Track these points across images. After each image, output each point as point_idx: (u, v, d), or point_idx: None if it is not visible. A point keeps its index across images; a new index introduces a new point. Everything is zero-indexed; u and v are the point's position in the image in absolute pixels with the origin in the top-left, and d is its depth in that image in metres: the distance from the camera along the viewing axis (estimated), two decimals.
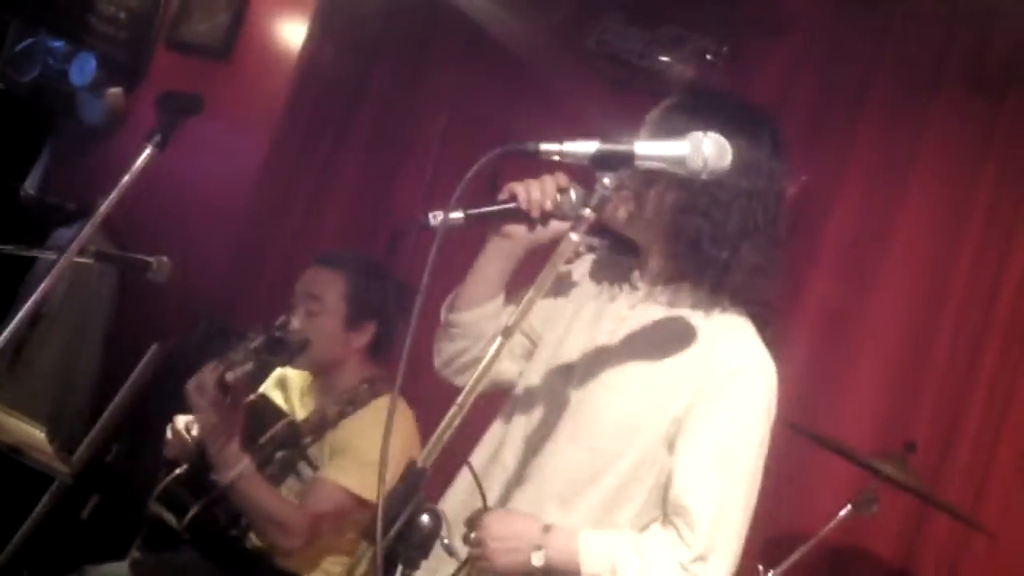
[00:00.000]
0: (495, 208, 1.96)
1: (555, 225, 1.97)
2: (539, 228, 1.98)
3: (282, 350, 2.79)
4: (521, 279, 2.04)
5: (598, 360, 2.06)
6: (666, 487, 1.97)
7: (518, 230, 2.02)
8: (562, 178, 1.95)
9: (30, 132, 5.77)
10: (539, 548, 1.92)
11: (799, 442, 2.94)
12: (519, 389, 2.17)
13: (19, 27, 5.70)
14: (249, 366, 2.72)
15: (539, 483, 2.05)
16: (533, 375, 2.16)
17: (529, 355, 2.20)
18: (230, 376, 2.70)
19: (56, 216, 4.74)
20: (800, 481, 3.22)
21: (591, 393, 2.05)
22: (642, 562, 1.89)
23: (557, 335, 2.16)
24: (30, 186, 5.66)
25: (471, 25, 4.30)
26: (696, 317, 2.03)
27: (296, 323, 2.87)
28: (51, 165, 5.73)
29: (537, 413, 2.10)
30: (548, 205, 1.93)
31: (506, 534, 1.95)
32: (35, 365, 4.60)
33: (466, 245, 2.05)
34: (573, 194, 1.93)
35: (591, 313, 2.14)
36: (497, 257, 2.11)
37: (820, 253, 3.52)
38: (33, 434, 2.50)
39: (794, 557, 2.90)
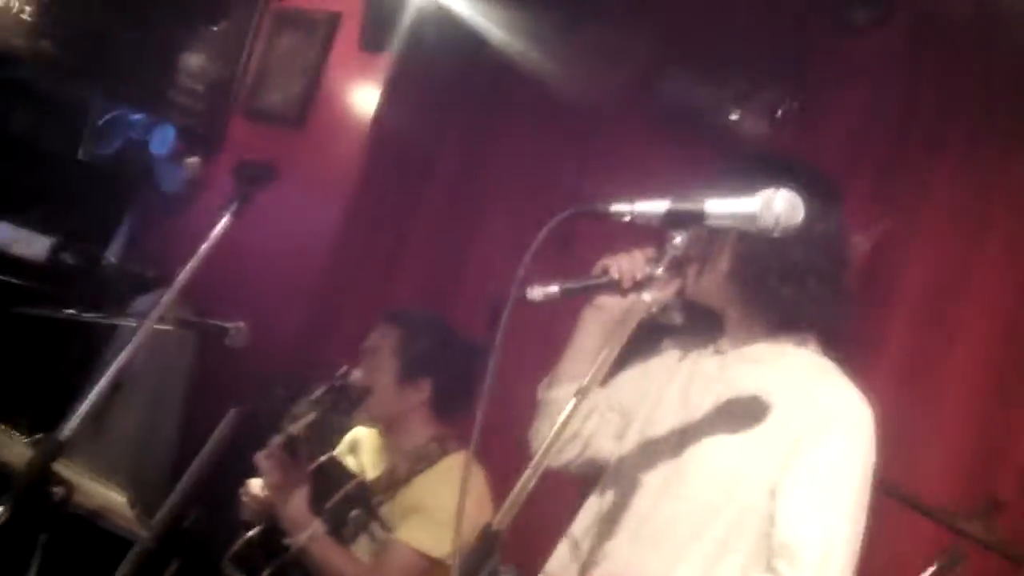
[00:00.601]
0: (589, 282, 1.96)
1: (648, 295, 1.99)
2: (632, 297, 1.99)
3: (342, 399, 2.83)
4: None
5: (693, 424, 2.06)
6: (769, 533, 1.95)
7: (611, 301, 2.04)
8: (650, 250, 1.95)
9: (111, 202, 5.91)
10: None
11: (880, 499, 2.88)
12: (614, 463, 2.18)
13: (102, 101, 5.87)
14: (312, 416, 2.75)
15: (642, 544, 2.04)
16: (627, 448, 2.16)
17: (623, 434, 2.20)
18: (293, 429, 2.74)
19: (136, 284, 4.84)
20: (882, 540, 3.14)
21: (689, 452, 2.04)
22: None
23: (648, 410, 2.16)
24: (112, 255, 5.79)
25: (539, 86, 4.34)
26: (785, 364, 2.01)
27: (357, 374, 2.90)
28: (132, 234, 5.86)
29: (633, 481, 2.10)
30: (639, 275, 1.93)
31: None
32: (116, 431, 4.67)
33: (555, 317, 2.06)
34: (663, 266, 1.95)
35: (681, 384, 2.14)
36: (592, 332, 2.13)
37: (899, 303, 3.48)
38: (114, 499, 2.54)
39: None
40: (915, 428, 3.34)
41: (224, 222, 2.13)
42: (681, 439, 2.07)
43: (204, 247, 2.11)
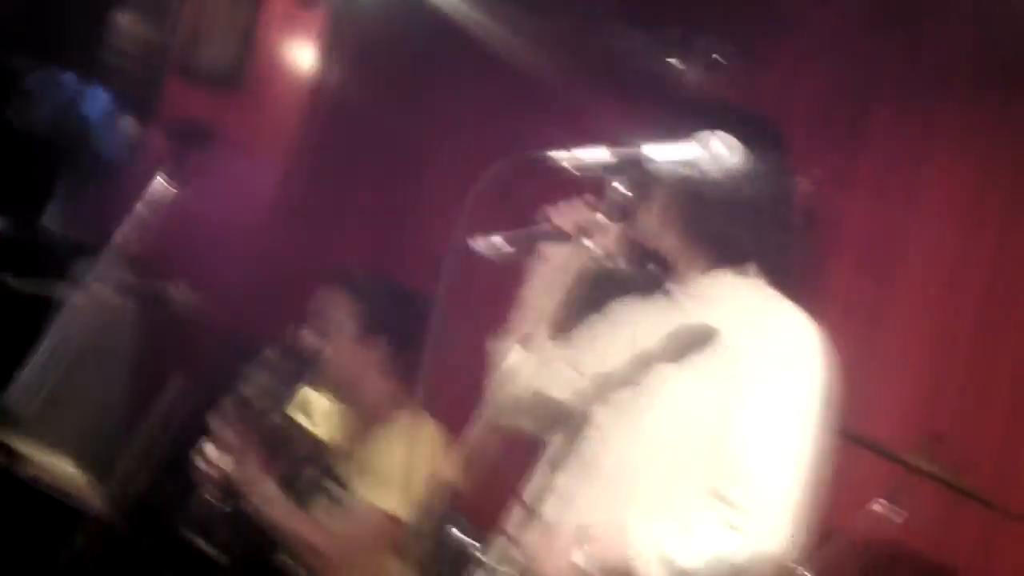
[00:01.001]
0: (533, 231, 1.96)
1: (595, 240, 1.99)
2: (579, 246, 1.99)
3: (295, 358, 2.81)
4: None
5: (642, 363, 2.05)
6: (720, 466, 1.93)
7: (556, 251, 2.04)
8: (592, 198, 1.95)
9: (46, 168, 5.81)
10: (581, 547, 1.91)
11: (827, 438, 2.93)
12: (566, 414, 2.18)
13: (30, 64, 5.76)
14: (264, 378, 2.74)
15: (594, 486, 2.04)
16: (579, 396, 2.16)
17: (575, 386, 2.21)
18: (246, 390, 2.73)
19: (77, 250, 4.77)
20: (830, 477, 3.21)
21: (639, 390, 2.03)
22: (686, 534, 1.85)
23: (598, 358, 2.17)
24: (49, 222, 5.70)
25: (477, 38, 4.31)
26: (731, 296, 2.03)
27: (308, 335, 2.89)
28: (69, 200, 5.77)
29: (584, 427, 2.10)
30: (582, 222, 1.92)
31: (546, 547, 1.94)
32: (65, 399, 4.63)
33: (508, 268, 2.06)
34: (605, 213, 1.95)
35: (630, 328, 2.14)
36: (539, 284, 2.12)
37: (842, 247, 3.52)
38: (64, 467, 2.52)
39: (826, 552, 2.89)
40: (860, 368, 3.38)
41: (158, 182, 2.10)
42: (630, 379, 2.07)
43: (139, 209, 2.08)
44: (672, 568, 1.85)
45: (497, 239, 1.87)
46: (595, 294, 2.19)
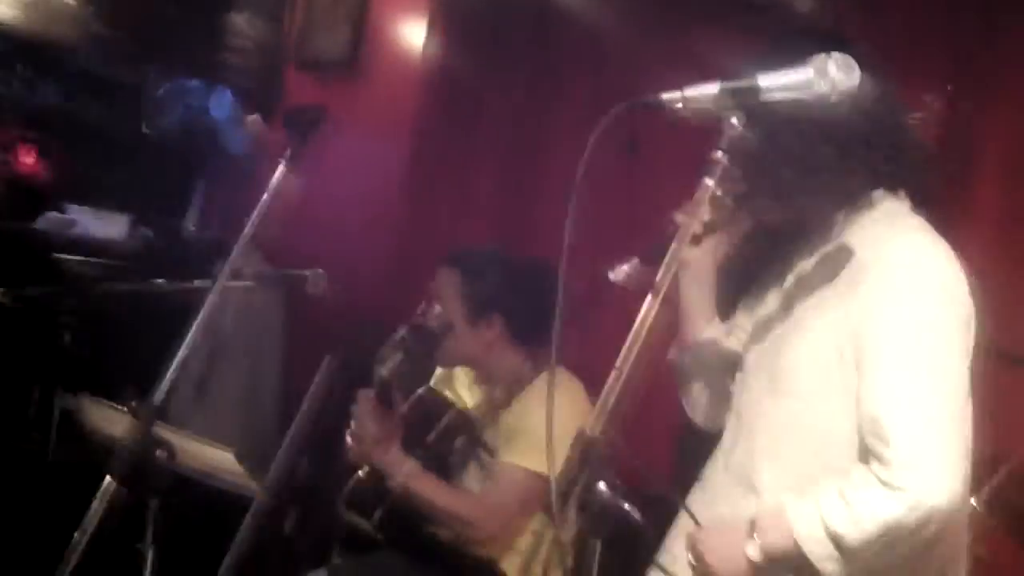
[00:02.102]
0: (663, 243, 1.91)
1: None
2: (708, 239, 1.99)
3: (426, 336, 2.84)
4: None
5: (790, 320, 2.03)
6: (860, 414, 1.85)
7: (694, 253, 2.07)
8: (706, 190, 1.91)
9: (182, 172, 5.99)
10: (751, 544, 1.87)
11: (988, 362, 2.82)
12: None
13: (156, 75, 5.93)
14: (399, 356, 2.78)
15: (748, 445, 2.04)
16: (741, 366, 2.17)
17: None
18: (383, 370, 2.77)
19: (217, 248, 4.91)
20: (995, 403, 3.09)
21: (786, 345, 2.00)
22: (848, 505, 1.78)
23: (755, 324, 2.16)
24: (190, 223, 5.88)
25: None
26: (857, 229, 1.97)
27: (437, 309, 2.91)
28: (206, 200, 5.93)
29: (741, 391, 2.12)
30: (706, 217, 1.91)
31: (716, 543, 1.93)
32: (219, 393, 4.78)
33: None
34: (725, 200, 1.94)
35: (784, 289, 2.10)
36: (691, 286, 2.15)
37: (986, 165, 3.38)
38: (223, 457, 2.58)
39: (997, 482, 2.79)
40: (1011, 287, 3.25)
41: (280, 171, 2.13)
42: (780, 336, 2.04)
43: (265, 199, 2.11)
44: (843, 545, 1.78)
45: (632, 262, 1.86)
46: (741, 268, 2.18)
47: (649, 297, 1.67)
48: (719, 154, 1.68)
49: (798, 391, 1.95)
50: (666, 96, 1.69)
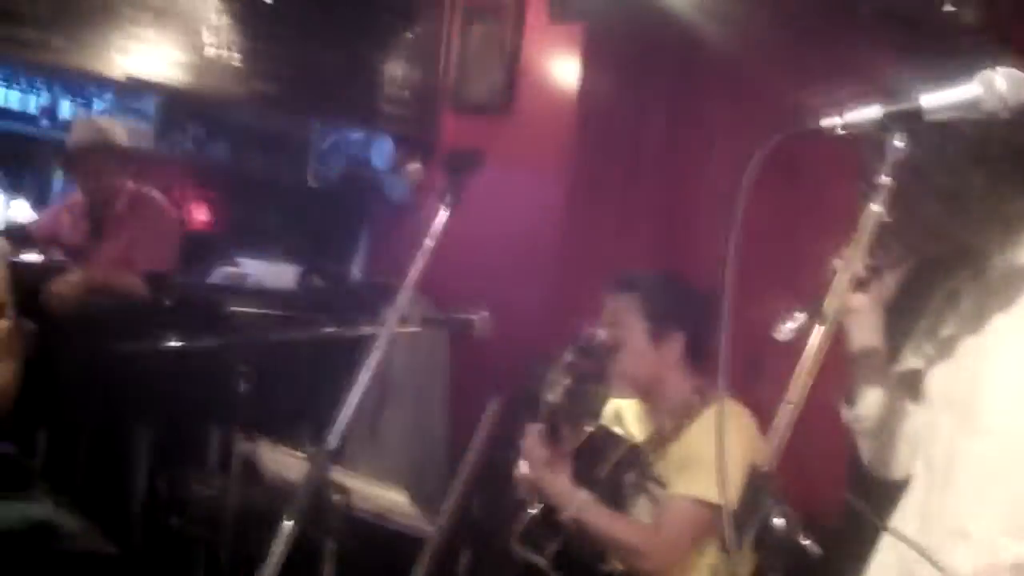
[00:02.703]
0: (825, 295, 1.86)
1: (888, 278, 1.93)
2: (875, 284, 1.92)
3: (592, 357, 2.83)
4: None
5: (977, 346, 1.92)
6: None
7: (859, 299, 1.97)
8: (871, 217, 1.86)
9: (346, 220, 6.16)
10: None
11: None
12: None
13: (319, 128, 6.13)
14: (567, 381, 2.77)
15: (948, 491, 1.91)
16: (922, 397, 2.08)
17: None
18: (551, 396, 2.77)
19: (383, 293, 5.02)
20: None
21: (979, 380, 1.88)
22: None
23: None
24: (356, 270, 6.04)
25: (738, 22, 4.23)
26: None
27: (602, 333, 2.90)
28: (371, 247, 6.08)
29: (928, 429, 2.00)
30: (869, 260, 1.84)
31: None
32: (389, 434, 4.87)
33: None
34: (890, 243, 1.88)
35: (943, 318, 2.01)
36: (858, 333, 2.03)
37: None
38: (396, 498, 2.63)
39: None
40: None
41: (442, 215, 2.17)
42: (970, 366, 1.92)
43: (428, 243, 2.15)
44: None
45: (798, 317, 1.80)
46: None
47: (817, 328, 1.64)
48: (884, 178, 1.64)
49: (998, 427, 1.84)
50: (825, 122, 1.66)
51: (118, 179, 4.72)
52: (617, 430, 3.12)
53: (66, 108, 5.88)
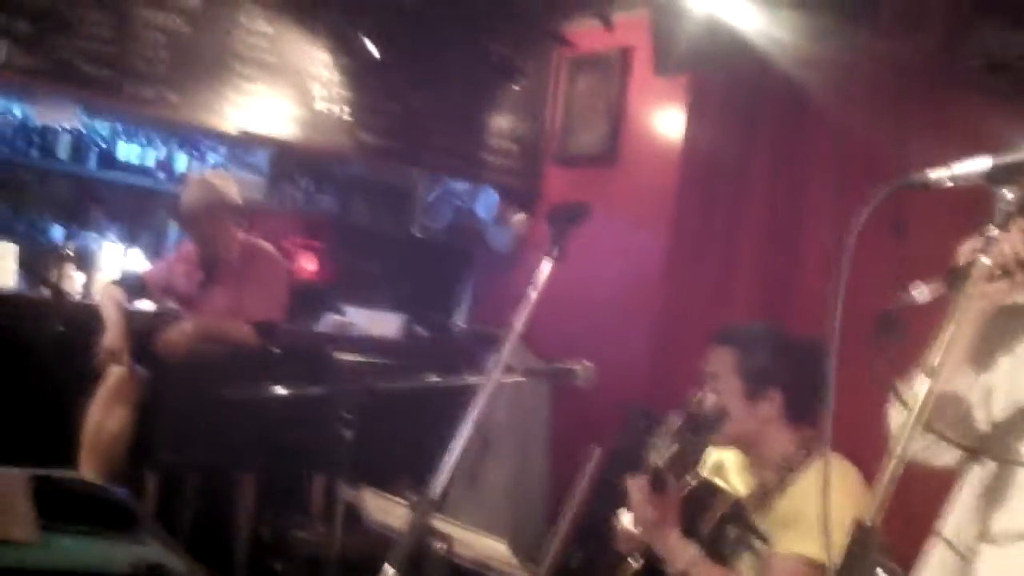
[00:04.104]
0: (968, 271, 1.83)
1: None
2: (1020, 278, 1.85)
3: (701, 425, 2.81)
4: None
5: None
6: None
7: (997, 288, 1.86)
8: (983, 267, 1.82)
9: (450, 270, 6.24)
10: None
11: None
12: (982, 443, 2.05)
13: (424, 179, 6.23)
14: (674, 448, 2.75)
15: (1012, 534, 1.90)
16: (994, 421, 2.02)
17: (987, 407, 2.05)
18: (658, 460, 2.75)
19: (485, 342, 5.06)
20: None
21: None
22: None
23: (1011, 371, 2.02)
24: (459, 320, 6.09)
25: (838, 73, 4.21)
26: None
27: (711, 398, 2.88)
28: (475, 297, 6.14)
29: (1003, 461, 1.96)
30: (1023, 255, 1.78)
31: None
32: (490, 484, 4.89)
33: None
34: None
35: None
36: (972, 321, 1.94)
37: None
38: (497, 548, 2.63)
39: None
40: None
41: (546, 267, 2.19)
42: None
43: (532, 294, 2.17)
44: None
45: (936, 285, 1.75)
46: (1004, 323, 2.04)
47: (927, 379, 1.61)
48: (994, 230, 1.61)
49: None
50: (934, 174, 1.64)
51: (230, 231, 4.83)
52: (720, 483, 3.09)
53: (182, 161, 6.07)
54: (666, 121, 5.08)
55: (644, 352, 4.79)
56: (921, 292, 1.69)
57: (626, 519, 2.99)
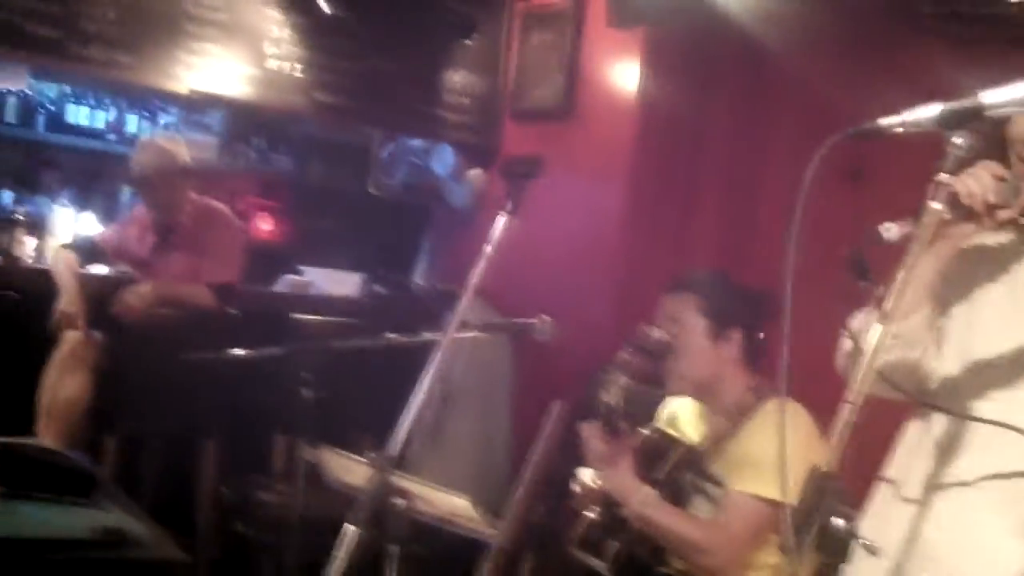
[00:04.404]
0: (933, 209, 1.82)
1: (1002, 215, 1.84)
2: (986, 221, 1.84)
3: (647, 355, 2.83)
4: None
5: None
6: None
7: (962, 229, 1.90)
8: (995, 166, 1.84)
9: (408, 228, 6.21)
10: None
11: None
12: (935, 387, 2.06)
13: (380, 137, 6.18)
14: (622, 381, 2.78)
15: (974, 490, 1.93)
16: (947, 367, 2.05)
17: (940, 347, 2.06)
18: (608, 397, 2.78)
19: (445, 300, 5.04)
20: None
21: None
22: None
23: (965, 315, 2.04)
24: (419, 277, 6.07)
25: (797, 22, 4.21)
26: None
27: (657, 332, 2.90)
28: (433, 254, 6.12)
29: (977, 400, 1.98)
30: (991, 197, 1.80)
31: None
32: (453, 440, 4.90)
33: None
34: (1010, 178, 1.83)
35: (1007, 286, 2.00)
36: (935, 260, 1.96)
37: None
38: (459, 504, 2.64)
39: None
40: None
41: (502, 222, 2.18)
42: (1017, 359, 1.92)
43: (488, 250, 2.16)
44: None
45: (906, 223, 1.75)
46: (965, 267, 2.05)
47: (879, 325, 1.62)
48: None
49: None
50: (884, 121, 1.65)
51: (183, 194, 4.79)
52: (673, 432, 3.12)
53: (133, 123, 5.99)
54: (623, 74, 5.05)
55: (607, 305, 4.79)
56: (889, 230, 1.69)
57: (584, 476, 3.02)
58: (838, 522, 1.54)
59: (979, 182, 1.79)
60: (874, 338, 1.63)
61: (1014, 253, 2.00)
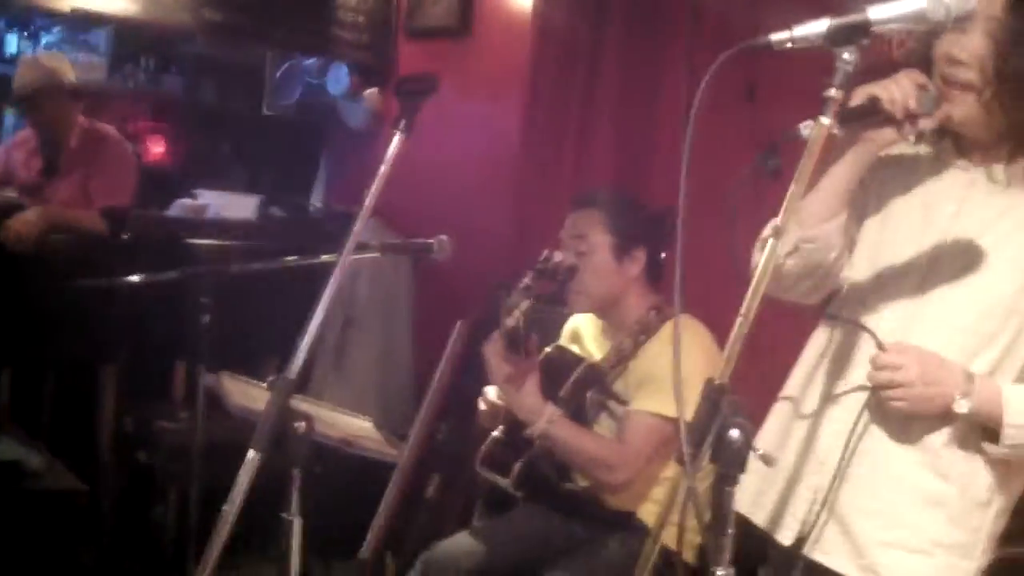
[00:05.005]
0: (859, 112, 1.84)
1: (922, 123, 1.87)
2: (906, 128, 1.87)
3: (550, 279, 2.85)
4: None
5: (938, 252, 1.98)
6: None
7: (882, 134, 1.91)
8: (918, 75, 1.87)
9: (304, 149, 6.12)
10: (966, 395, 1.88)
11: None
12: (844, 293, 2.11)
13: (273, 56, 6.06)
14: (525, 304, 2.79)
15: (864, 393, 1.99)
16: (857, 274, 2.09)
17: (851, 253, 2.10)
18: (510, 321, 2.79)
19: (344, 222, 5.00)
20: None
21: (934, 290, 1.97)
22: None
23: (878, 223, 2.08)
24: (316, 199, 6.01)
25: None
26: None
27: (559, 255, 2.91)
28: (330, 175, 6.05)
29: (881, 310, 2.03)
30: (912, 104, 1.83)
31: (933, 378, 1.90)
32: (355, 362, 4.89)
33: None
34: (932, 89, 1.87)
35: (921, 198, 2.04)
36: (853, 164, 1.96)
37: None
38: (362, 426, 2.65)
39: None
40: None
41: (396, 141, 2.15)
42: (924, 272, 1.98)
43: (382, 169, 2.14)
44: None
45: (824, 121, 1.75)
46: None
47: (771, 239, 1.65)
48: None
49: (975, 330, 1.96)
50: (775, 37, 1.66)
51: (69, 116, 4.65)
52: (575, 349, 3.15)
53: (13, 43, 5.77)
54: None
55: (506, 225, 4.79)
56: (808, 127, 1.70)
57: (490, 394, 3.04)
58: (734, 432, 1.58)
59: (901, 88, 1.83)
60: (766, 252, 1.65)
61: (930, 168, 2.05)
